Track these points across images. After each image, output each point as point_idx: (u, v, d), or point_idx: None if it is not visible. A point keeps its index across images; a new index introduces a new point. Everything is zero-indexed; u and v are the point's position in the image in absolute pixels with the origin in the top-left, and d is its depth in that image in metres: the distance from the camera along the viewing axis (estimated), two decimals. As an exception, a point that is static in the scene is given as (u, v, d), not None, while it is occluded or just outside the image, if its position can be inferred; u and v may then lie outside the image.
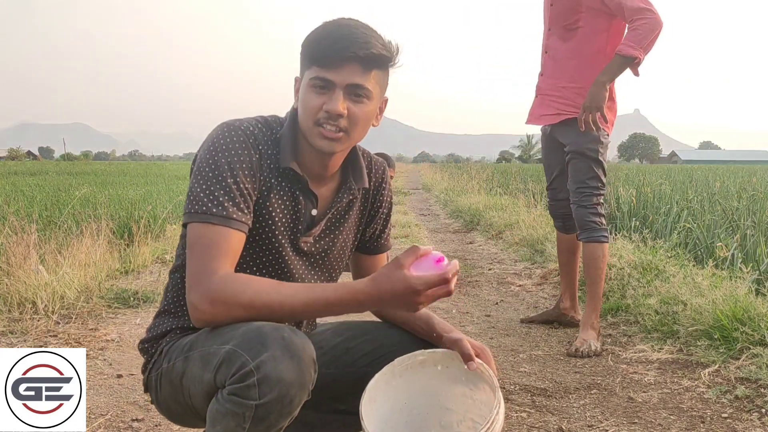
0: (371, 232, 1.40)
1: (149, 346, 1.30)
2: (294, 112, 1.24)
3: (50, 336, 2.72)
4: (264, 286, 1.10)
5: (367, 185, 1.32)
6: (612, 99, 2.71)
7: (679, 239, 4.76)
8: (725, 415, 1.94)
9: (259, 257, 1.23)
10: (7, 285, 3.15)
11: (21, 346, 2.55)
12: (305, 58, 1.18)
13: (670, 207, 6.31)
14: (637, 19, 2.48)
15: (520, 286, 4.08)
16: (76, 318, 2.98)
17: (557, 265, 4.16)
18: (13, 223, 3.76)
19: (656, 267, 3.49)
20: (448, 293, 1.09)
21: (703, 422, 1.90)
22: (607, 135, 2.76)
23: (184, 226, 1.18)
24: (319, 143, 1.18)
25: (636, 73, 2.59)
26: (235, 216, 1.13)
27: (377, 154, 2.30)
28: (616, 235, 4.85)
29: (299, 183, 1.23)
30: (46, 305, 3.00)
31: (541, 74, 2.89)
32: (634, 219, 6.12)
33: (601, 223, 2.72)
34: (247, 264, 1.22)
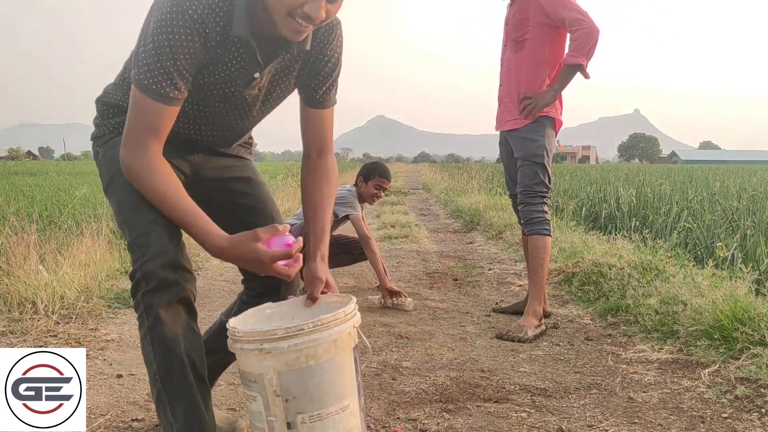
0: (314, 85, 1.49)
1: (101, 123, 1.53)
2: None
3: (50, 336, 2.72)
4: (161, 194, 1.28)
5: (308, 48, 1.40)
6: (557, 109, 3.01)
7: (679, 239, 4.76)
8: (725, 415, 1.94)
9: (209, 101, 1.42)
10: (7, 285, 3.15)
11: (21, 346, 2.55)
12: None
13: (670, 207, 6.31)
14: (576, 29, 2.80)
15: (520, 286, 4.08)
16: (76, 318, 2.98)
17: (556, 265, 4.18)
18: (13, 223, 3.76)
19: (656, 267, 3.49)
20: (294, 264, 1.30)
21: (703, 422, 1.90)
22: (556, 139, 3.10)
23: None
24: (288, 34, 1.28)
25: (586, 76, 2.89)
26: (171, 95, 1.29)
27: (372, 163, 2.46)
28: (616, 235, 4.85)
29: (249, 50, 1.34)
30: (46, 305, 3.00)
31: (500, 85, 3.15)
32: (634, 219, 6.12)
33: (544, 218, 2.98)
34: (197, 105, 1.41)
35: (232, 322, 1.30)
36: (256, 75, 1.39)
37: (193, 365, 1.32)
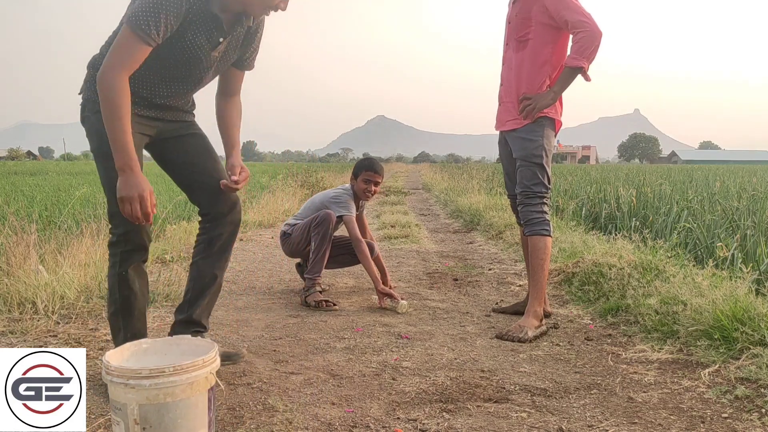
0: (243, 52, 2.17)
1: (92, 87, 1.96)
2: None
3: (50, 336, 2.72)
4: (119, 113, 1.77)
5: (251, 24, 2.09)
6: (557, 110, 3.03)
7: (679, 239, 4.76)
8: (725, 415, 1.94)
9: (177, 66, 2.00)
10: (7, 285, 3.15)
11: (21, 346, 2.55)
12: None
13: (670, 207, 6.31)
14: (578, 32, 2.80)
15: (520, 286, 4.08)
16: (76, 318, 2.98)
17: (556, 265, 4.18)
18: (13, 223, 3.76)
19: (656, 267, 3.49)
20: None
21: (703, 422, 1.90)
22: (556, 139, 3.12)
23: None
24: (258, 16, 2.04)
25: (587, 79, 2.89)
26: (155, 38, 1.83)
27: (359, 160, 3.20)
28: (616, 235, 4.85)
29: (218, 23, 1.97)
30: (46, 305, 3.00)
31: (501, 84, 3.15)
32: (634, 219, 6.13)
33: (543, 219, 2.99)
34: (167, 71, 2.00)
35: (108, 357, 1.52)
36: (221, 39, 2.00)
37: (143, 295, 2.12)
